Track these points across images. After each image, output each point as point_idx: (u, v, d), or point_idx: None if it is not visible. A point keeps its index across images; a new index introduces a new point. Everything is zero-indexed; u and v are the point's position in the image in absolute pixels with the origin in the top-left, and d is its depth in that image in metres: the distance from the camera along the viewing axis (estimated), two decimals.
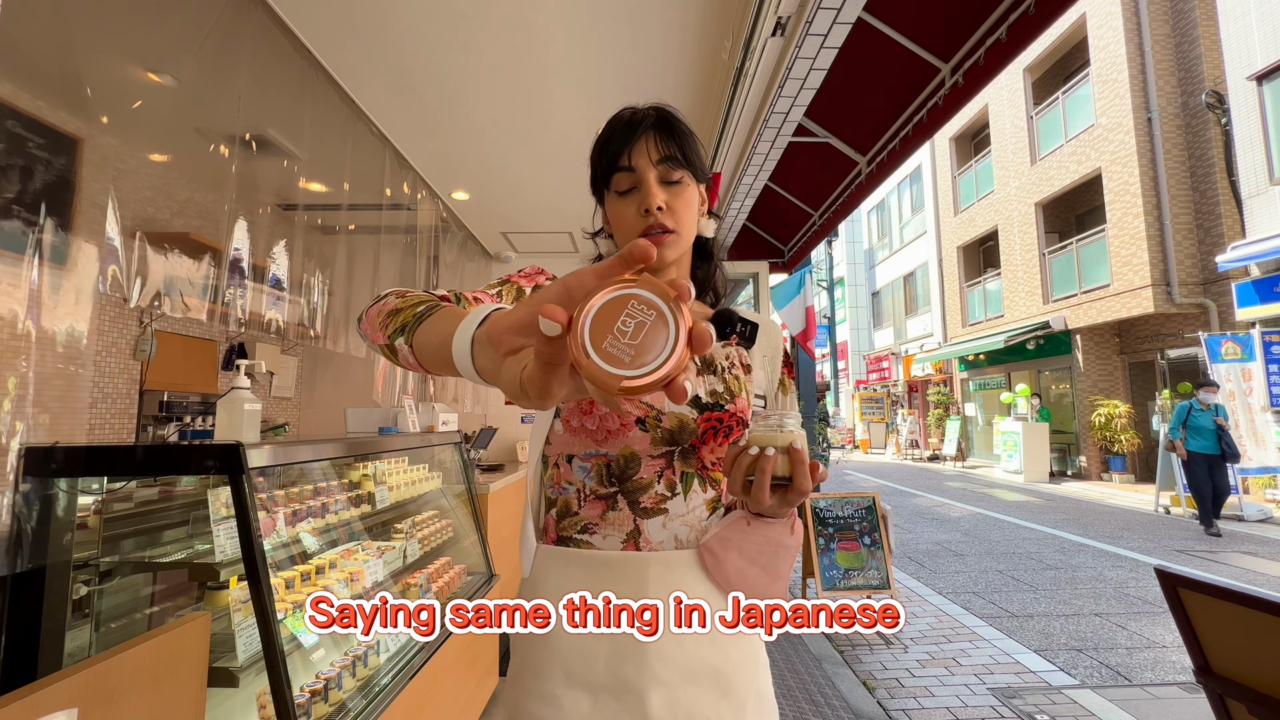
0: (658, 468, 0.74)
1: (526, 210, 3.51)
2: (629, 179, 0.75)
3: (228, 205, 1.82)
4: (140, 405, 2.69)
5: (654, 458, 0.74)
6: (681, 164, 0.76)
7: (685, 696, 0.68)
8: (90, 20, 1.74)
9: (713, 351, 0.76)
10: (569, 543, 0.74)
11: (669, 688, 0.68)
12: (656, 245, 0.70)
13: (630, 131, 0.75)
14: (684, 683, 0.68)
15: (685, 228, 0.77)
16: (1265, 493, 7.49)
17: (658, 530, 0.73)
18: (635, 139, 0.75)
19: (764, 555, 0.69)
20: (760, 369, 0.84)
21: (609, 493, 0.74)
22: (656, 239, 0.74)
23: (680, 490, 0.74)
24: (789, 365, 0.88)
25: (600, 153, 0.77)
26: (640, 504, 0.73)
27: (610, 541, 0.73)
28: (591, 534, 0.74)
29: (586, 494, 0.74)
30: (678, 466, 0.75)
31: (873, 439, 19.51)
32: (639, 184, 0.75)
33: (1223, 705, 1.06)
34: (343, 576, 1.60)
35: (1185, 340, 9.02)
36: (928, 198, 16.17)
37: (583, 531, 0.74)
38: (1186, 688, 2.72)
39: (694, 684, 0.69)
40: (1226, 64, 8.32)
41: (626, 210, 0.75)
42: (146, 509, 1.44)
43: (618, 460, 0.74)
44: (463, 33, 1.93)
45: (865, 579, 3.58)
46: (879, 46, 2.28)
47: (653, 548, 0.73)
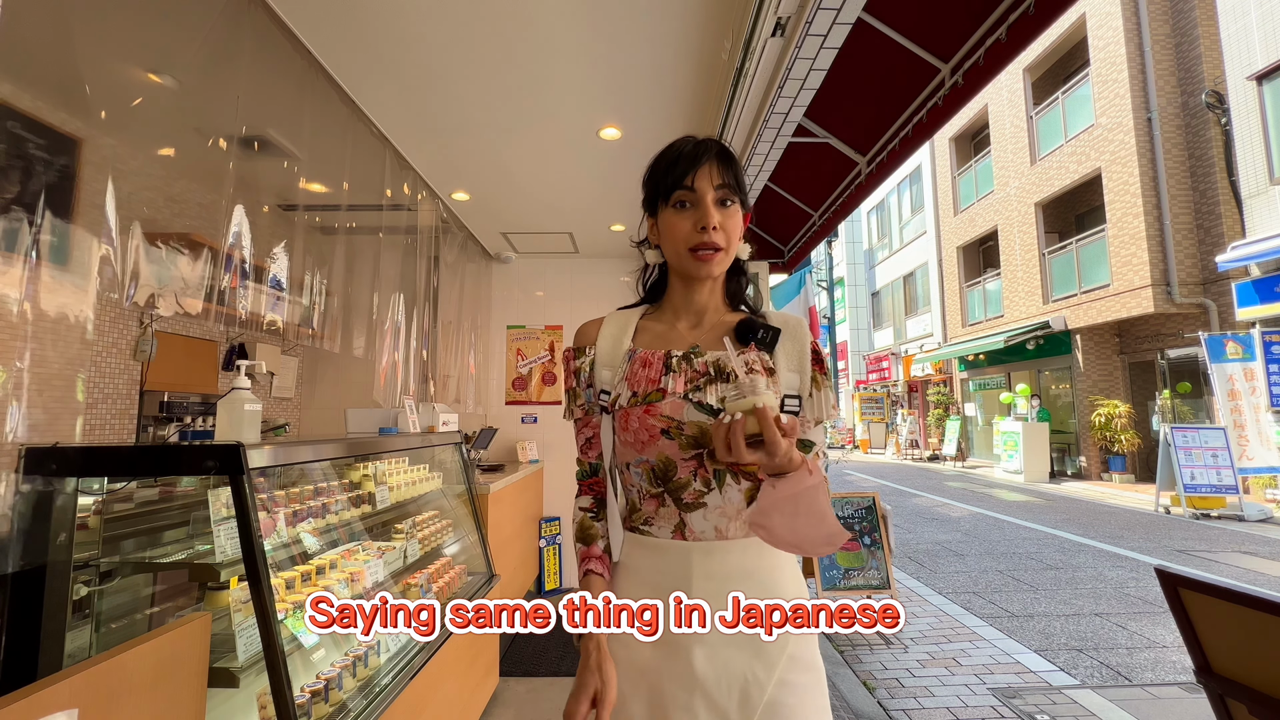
0: (691, 468, 0.85)
1: (526, 210, 3.51)
2: (689, 197, 0.88)
3: (227, 205, 1.82)
4: (140, 405, 2.69)
5: (686, 460, 0.85)
6: (736, 192, 0.89)
7: (723, 654, 0.82)
8: (90, 20, 1.74)
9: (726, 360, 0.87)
10: (637, 532, 0.90)
11: (711, 647, 0.82)
12: (705, 261, 0.88)
13: (695, 157, 0.88)
14: (723, 645, 0.82)
15: (731, 248, 0.90)
16: (1265, 493, 7.49)
17: (699, 521, 0.85)
18: (699, 165, 0.87)
19: (801, 504, 0.76)
20: (788, 370, 0.91)
21: (658, 491, 0.87)
22: (705, 255, 0.87)
23: (715, 485, 0.85)
24: (819, 362, 0.93)
25: (665, 173, 0.90)
26: (683, 500, 0.86)
27: (663, 531, 0.87)
28: (650, 525, 0.88)
29: (643, 494, 0.89)
30: (709, 465, 0.85)
31: (873, 439, 19.50)
32: (697, 204, 0.87)
33: (1223, 705, 1.06)
34: (343, 577, 1.60)
35: (1185, 340, 9.01)
36: (928, 198, 16.17)
37: (645, 524, 0.89)
38: (1186, 688, 2.73)
39: (731, 646, 0.82)
40: (1226, 64, 8.32)
41: (683, 224, 0.88)
42: (147, 509, 1.44)
43: (658, 464, 0.86)
44: (463, 33, 1.93)
45: (865, 579, 3.58)
46: (879, 46, 2.28)
47: (696, 537, 0.86)
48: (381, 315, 2.77)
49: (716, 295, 0.96)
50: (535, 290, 4.46)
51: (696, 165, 0.87)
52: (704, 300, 0.95)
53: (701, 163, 0.87)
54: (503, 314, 4.41)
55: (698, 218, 0.87)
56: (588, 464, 0.97)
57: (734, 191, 0.88)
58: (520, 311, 4.42)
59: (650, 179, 0.93)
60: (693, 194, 0.87)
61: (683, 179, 0.87)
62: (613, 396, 0.91)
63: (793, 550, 0.80)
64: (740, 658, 0.82)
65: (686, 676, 0.81)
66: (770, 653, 0.82)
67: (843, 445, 20.18)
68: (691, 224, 0.87)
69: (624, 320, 0.98)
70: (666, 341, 0.93)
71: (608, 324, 0.98)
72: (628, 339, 0.95)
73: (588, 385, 0.95)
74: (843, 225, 17.18)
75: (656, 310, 1.00)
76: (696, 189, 0.87)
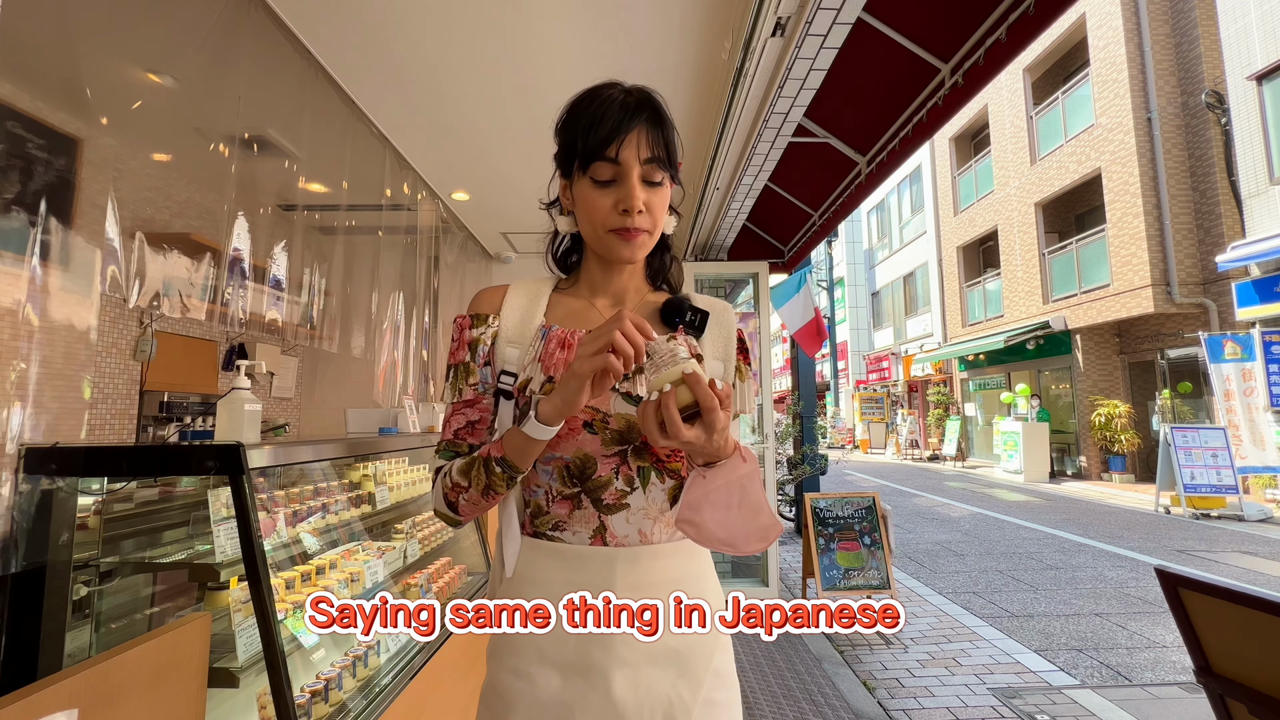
0: (613, 465, 0.75)
1: (526, 210, 3.51)
2: (612, 171, 0.73)
3: (227, 205, 1.82)
4: (140, 405, 2.69)
5: (608, 456, 0.75)
6: (666, 167, 0.75)
7: (645, 676, 0.72)
8: (90, 20, 1.74)
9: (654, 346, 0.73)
10: (542, 538, 0.77)
11: (632, 668, 0.72)
12: (628, 243, 0.75)
13: (620, 122, 0.72)
14: (645, 664, 0.72)
15: (657, 229, 0.78)
16: (1265, 493, 7.49)
17: (621, 525, 0.75)
18: (625, 131, 0.72)
19: (734, 495, 0.69)
20: (713, 358, 0.81)
21: (573, 492, 0.75)
22: (628, 237, 0.75)
23: (639, 484, 0.76)
24: (744, 351, 0.83)
25: (585, 131, 0.73)
26: (603, 501, 0.75)
27: (579, 537, 0.75)
28: (562, 531, 0.76)
29: (554, 494, 0.76)
30: (633, 462, 0.75)
31: (873, 439, 19.50)
32: (622, 179, 0.73)
33: (1223, 705, 1.06)
34: (343, 577, 1.60)
35: (1185, 340, 9.01)
36: (928, 198, 16.17)
37: (554, 529, 0.76)
38: (1186, 688, 2.73)
39: (654, 665, 0.73)
40: (1226, 64, 8.32)
41: (602, 202, 0.74)
42: (147, 509, 1.44)
43: (575, 461, 0.75)
44: (462, 33, 1.93)
45: (865, 579, 3.58)
46: (879, 46, 2.28)
47: (619, 542, 0.75)
48: (381, 315, 2.77)
49: (638, 275, 0.85)
50: None
51: (622, 131, 0.71)
52: (624, 281, 0.83)
53: (629, 128, 0.72)
54: None
55: (620, 197, 0.73)
56: (465, 447, 0.79)
57: (663, 166, 0.74)
58: None
59: (566, 132, 0.77)
60: (616, 166, 0.72)
61: (605, 146, 0.71)
62: (521, 379, 0.77)
63: (724, 548, 0.71)
64: (664, 678, 0.72)
65: (605, 707, 0.70)
66: (695, 668, 0.74)
67: (843, 445, 20.17)
68: (612, 203, 0.73)
69: (533, 291, 0.85)
70: (584, 321, 0.81)
71: (514, 293, 0.84)
72: (539, 314, 0.82)
73: (485, 363, 0.80)
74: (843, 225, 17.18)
75: (571, 284, 0.87)
76: (621, 161, 0.72)
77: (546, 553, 0.76)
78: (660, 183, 0.75)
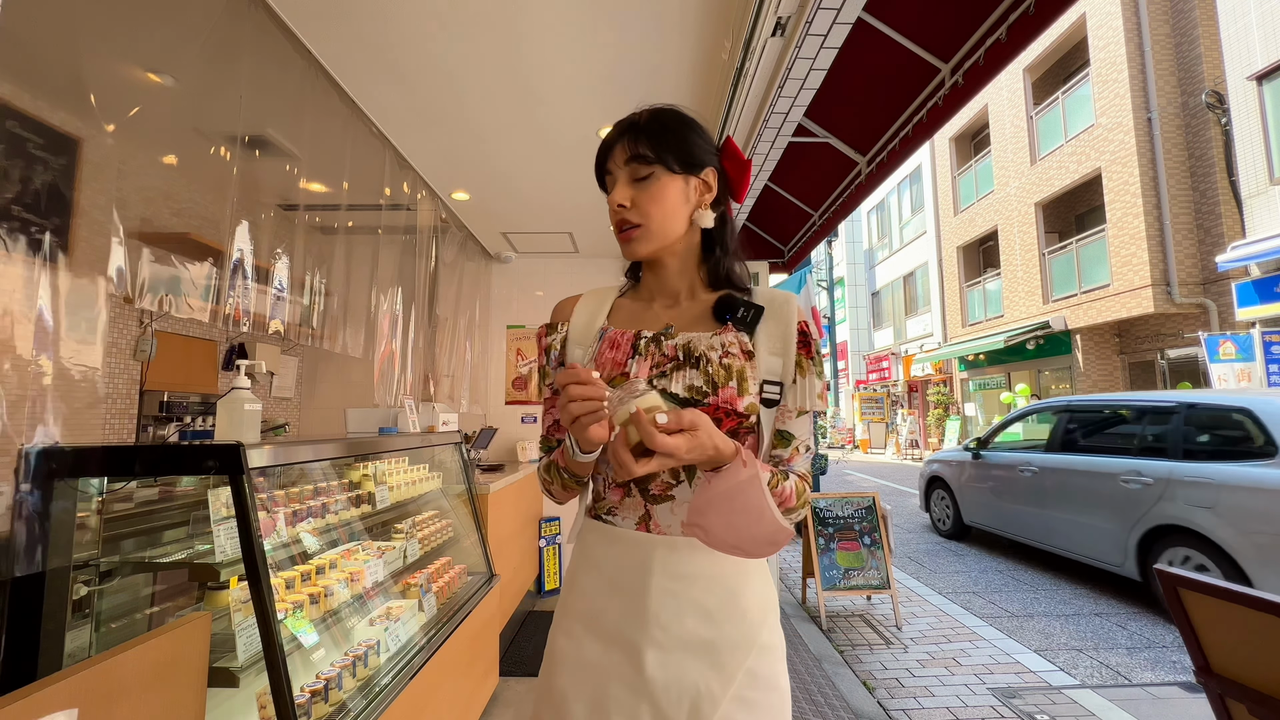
0: None
1: (526, 210, 3.51)
2: (608, 180, 0.86)
3: (228, 206, 1.82)
4: (140, 405, 2.69)
5: None
6: (650, 160, 0.81)
7: (676, 660, 0.76)
8: (90, 20, 1.74)
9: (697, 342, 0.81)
10: (599, 519, 0.86)
11: (664, 651, 0.76)
12: (625, 241, 0.85)
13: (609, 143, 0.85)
14: (677, 649, 0.76)
15: (655, 221, 0.83)
16: None
17: (666, 515, 0.80)
18: (614, 145, 0.84)
19: (736, 499, 0.71)
20: (769, 353, 0.81)
21: (624, 481, 0.82)
22: (623, 235, 0.84)
23: (685, 478, 0.80)
24: (806, 346, 0.82)
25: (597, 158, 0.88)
26: (650, 491, 0.81)
27: (627, 523, 0.82)
28: (614, 515, 0.84)
29: (609, 482, 0.84)
30: None
31: (873, 439, 19.49)
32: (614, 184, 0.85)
33: (1223, 705, 1.06)
34: (343, 576, 1.60)
35: (1185, 340, 9.02)
36: (928, 198, 16.17)
37: (608, 513, 0.84)
38: (1186, 688, 2.73)
39: (686, 652, 0.76)
40: (1226, 64, 8.32)
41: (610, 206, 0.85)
42: (147, 509, 1.44)
43: None
44: (462, 34, 1.93)
45: (865, 579, 3.58)
46: (879, 46, 2.28)
47: (661, 530, 0.80)
48: (381, 315, 2.77)
49: (689, 274, 0.89)
50: (535, 290, 4.46)
51: (609, 149, 0.85)
52: (672, 281, 0.89)
53: (616, 142, 0.84)
54: (502, 314, 4.41)
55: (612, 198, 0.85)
56: (555, 441, 0.91)
57: (647, 161, 0.81)
58: (520, 311, 4.42)
59: None
60: (611, 177, 0.85)
61: (603, 164, 0.86)
62: None
63: (734, 551, 0.73)
64: (695, 667, 0.75)
65: (635, 680, 0.75)
66: (728, 665, 0.76)
67: (843, 445, 20.17)
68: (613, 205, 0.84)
69: (601, 297, 0.94)
70: (640, 321, 0.88)
71: (585, 300, 0.93)
72: (602, 316, 0.90)
73: (558, 364, 0.90)
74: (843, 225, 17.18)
75: (635, 289, 0.95)
76: (610, 170, 0.85)
77: (599, 533, 0.85)
78: (649, 176, 0.82)
